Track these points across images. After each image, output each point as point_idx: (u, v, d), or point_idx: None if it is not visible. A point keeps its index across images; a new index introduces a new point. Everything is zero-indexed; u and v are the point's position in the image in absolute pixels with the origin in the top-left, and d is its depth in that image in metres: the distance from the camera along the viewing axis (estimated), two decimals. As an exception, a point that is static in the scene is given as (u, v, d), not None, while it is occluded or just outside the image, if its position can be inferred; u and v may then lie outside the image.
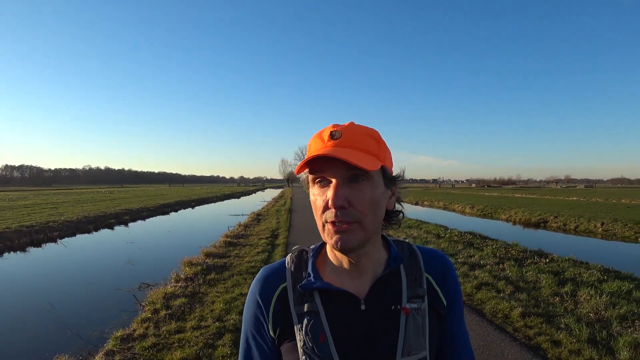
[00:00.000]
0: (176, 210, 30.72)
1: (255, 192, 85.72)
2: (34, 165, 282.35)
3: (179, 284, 6.72)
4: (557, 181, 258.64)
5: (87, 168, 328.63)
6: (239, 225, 16.12)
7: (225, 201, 47.80)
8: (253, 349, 0.92)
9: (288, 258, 0.96)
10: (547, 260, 8.50)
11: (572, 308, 5.58)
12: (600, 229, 18.71)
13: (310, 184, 0.85)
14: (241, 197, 58.95)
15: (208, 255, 9.21)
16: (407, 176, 0.95)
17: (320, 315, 0.85)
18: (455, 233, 12.77)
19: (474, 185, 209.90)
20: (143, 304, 6.08)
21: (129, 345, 4.38)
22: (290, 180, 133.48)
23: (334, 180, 0.80)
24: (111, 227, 19.16)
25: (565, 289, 6.40)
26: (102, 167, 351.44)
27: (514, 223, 23.07)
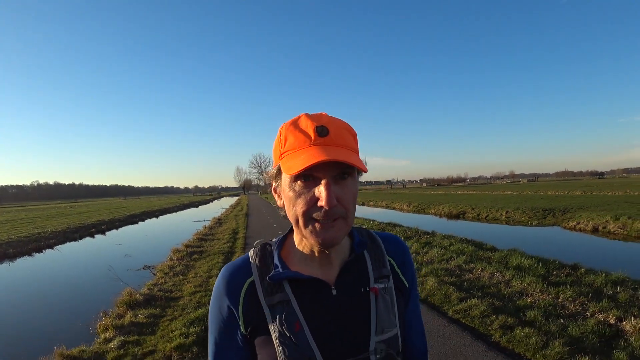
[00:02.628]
0: (143, 220, 33.45)
1: (212, 201, 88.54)
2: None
3: (174, 261, 10.10)
4: (503, 177, 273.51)
5: (36, 184, 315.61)
6: (205, 227, 19.45)
7: (186, 210, 50.70)
8: (224, 350, 0.91)
9: (251, 252, 0.95)
10: (428, 236, 12.37)
11: (420, 258, 9.38)
12: (504, 217, 23.18)
13: (289, 179, 0.82)
14: (200, 206, 61.80)
15: (188, 246, 12.57)
16: (361, 179, 0.92)
17: (293, 304, 0.86)
18: (375, 224, 16.64)
19: (424, 184, 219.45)
20: (154, 272, 9.44)
21: (157, 287, 7.73)
22: (246, 187, 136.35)
23: (324, 180, 0.78)
24: (92, 235, 21.95)
25: (425, 249, 10.24)
26: (52, 182, 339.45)
27: (440, 216, 27.41)
